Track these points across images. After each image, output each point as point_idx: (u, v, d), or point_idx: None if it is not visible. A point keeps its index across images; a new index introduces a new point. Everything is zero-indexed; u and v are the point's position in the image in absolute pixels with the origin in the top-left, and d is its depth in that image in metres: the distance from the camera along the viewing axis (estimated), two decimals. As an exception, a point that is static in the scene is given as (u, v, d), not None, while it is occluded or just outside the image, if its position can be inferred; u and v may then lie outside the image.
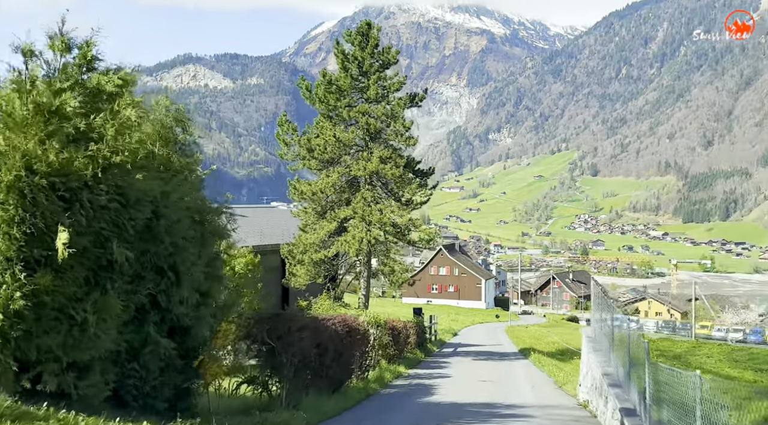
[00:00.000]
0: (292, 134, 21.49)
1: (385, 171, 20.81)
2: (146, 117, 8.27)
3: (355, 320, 12.58)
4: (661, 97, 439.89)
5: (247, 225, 26.26)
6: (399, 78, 21.57)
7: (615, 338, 9.84)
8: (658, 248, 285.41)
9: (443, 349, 27.10)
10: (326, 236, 21.40)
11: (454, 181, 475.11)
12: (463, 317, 52.42)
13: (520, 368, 19.56)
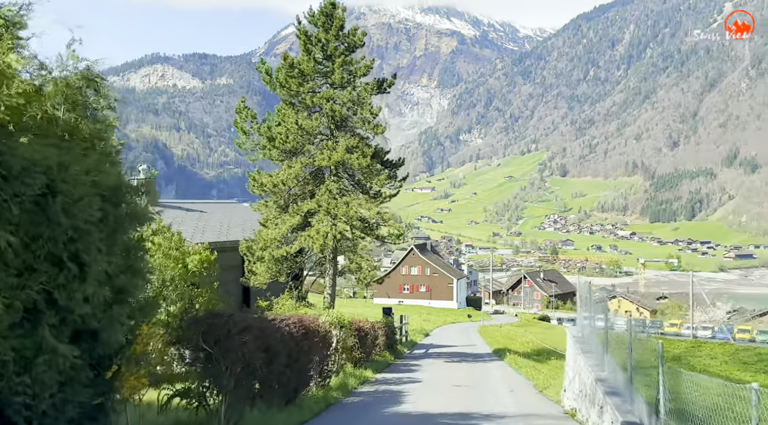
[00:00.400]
0: (251, 122, 19.95)
1: (351, 161, 19.42)
2: (47, 75, 6.61)
3: (314, 320, 11.13)
4: (628, 99, 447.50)
5: (206, 221, 24.56)
6: (366, 62, 20.16)
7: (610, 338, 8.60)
8: (626, 247, 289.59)
9: (414, 351, 25.79)
10: (289, 231, 19.90)
11: (426, 182, 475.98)
12: (435, 318, 51.22)
13: (496, 370, 18.32)
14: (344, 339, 13.82)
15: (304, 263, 22.14)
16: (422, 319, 46.58)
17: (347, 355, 15.26)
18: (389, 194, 21.50)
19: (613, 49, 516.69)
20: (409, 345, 27.46)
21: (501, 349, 25.37)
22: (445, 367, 19.24)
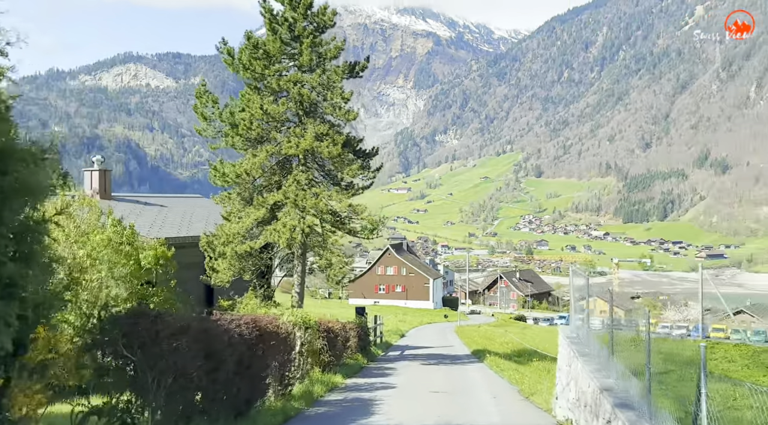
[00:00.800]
0: (212, 107, 18.42)
1: (321, 149, 18.01)
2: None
3: (272, 321, 9.71)
4: (602, 101, 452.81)
5: (165, 216, 22.87)
6: (336, 43, 18.77)
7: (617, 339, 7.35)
8: (599, 247, 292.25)
9: (389, 353, 24.46)
10: (253, 225, 18.41)
11: (402, 182, 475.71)
12: (411, 318, 49.94)
13: (476, 373, 17.05)
14: (310, 341, 12.43)
15: (272, 259, 20.65)
16: (398, 319, 45.26)
17: (314, 359, 13.87)
18: (362, 186, 20.15)
19: (586, 52, 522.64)
20: (384, 347, 26.15)
21: (480, 350, 24.18)
22: (421, 370, 17.93)
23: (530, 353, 23.74)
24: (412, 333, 38.26)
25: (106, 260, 13.53)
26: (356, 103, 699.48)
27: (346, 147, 19.10)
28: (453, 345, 29.79)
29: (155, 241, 15.86)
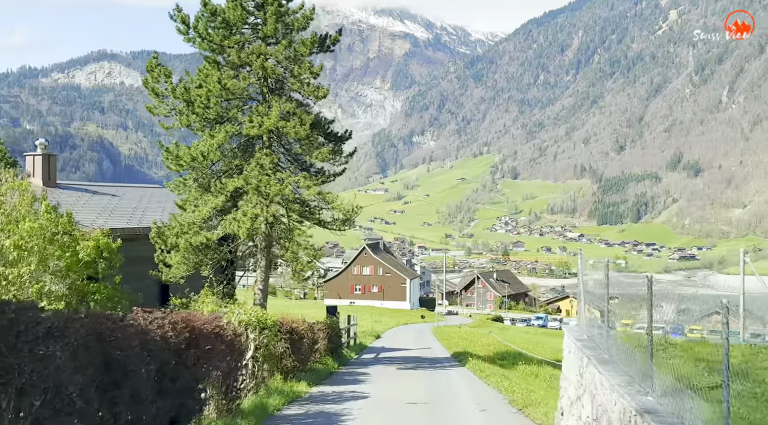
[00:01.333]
0: (165, 82, 16.38)
1: (287, 130, 16.10)
2: None
3: (212, 320, 7.80)
4: (577, 103, 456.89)
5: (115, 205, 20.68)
6: (305, 12, 16.87)
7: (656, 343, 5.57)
8: (574, 249, 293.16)
9: (363, 355, 22.62)
10: (211, 214, 16.42)
11: (379, 183, 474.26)
12: (387, 319, 48.07)
13: (459, 379, 15.27)
14: (267, 345, 10.52)
15: (235, 253, 18.64)
16: (374, 320, 43.37)
17: (273, 365, 11.97)
18: (334, 173, 18.26)
19: (562, 55, 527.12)
20: (358, 349, 24.33)
21: (461, 353, 22.49)
22: (397, 376, 16.09)
23: (514, 355, 22.09)
24: (389, 334, 36.41)
25: (37, 252, 11.66)
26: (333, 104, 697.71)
27: (316, 129, 17.21)
28: (431, 346, 28.08)
29: (99, 231, 13.85)
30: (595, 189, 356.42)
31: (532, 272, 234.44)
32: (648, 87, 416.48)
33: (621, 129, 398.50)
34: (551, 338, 42.76)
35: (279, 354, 12.69)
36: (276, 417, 9.33)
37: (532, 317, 74.94)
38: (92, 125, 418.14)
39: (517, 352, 23.51)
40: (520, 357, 22.09)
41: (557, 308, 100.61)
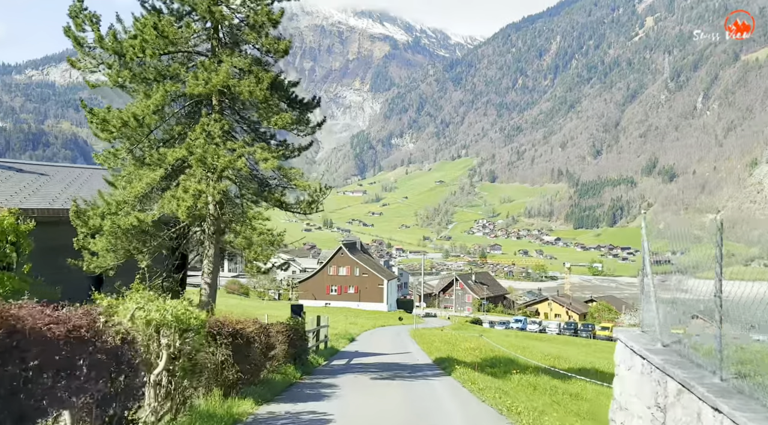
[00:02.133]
0: (91, 31, 13.41)
1: (240, 89, 13.24)
2: None
3: (72, 319, 4.93)
4: (555, 108, 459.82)
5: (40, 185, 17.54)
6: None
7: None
8: (551, 252, 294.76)
9: (333, 362, 19.73)
10: (147, 192, 13.48)
11: (357, 185, 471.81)
12: (363, 320, 45.19)
13: (447, 394, 12.48)
14: (190, 352, 7.65)
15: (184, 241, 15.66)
16: (349, 322, 40.51)
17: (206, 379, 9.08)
18: (299, 147, 15.40)
19: (540, 59, 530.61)
20: (328, 354, 21.44)
21: (444, 358, 19.73)
22: (371, 389, 13.26)
23: (504, 361, 19.41)
24: (364, 337, 33.52)
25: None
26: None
27: (277, 91, 14.33)
28: (410, 351, 25.28)
29: (5, 210, 10.90)
30: (572, 193, 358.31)
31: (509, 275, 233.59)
32: (624, 93, 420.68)
33: (597, 134, 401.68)
34: (536, 342, 40.40)
35: (217, 363, 9.80)
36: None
37: (511, 319, 72.82)
38: (66, 122, 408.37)
39: (507, 358, 20.81)
40: (512, 363, 19.39)
41: (536, 311, 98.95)
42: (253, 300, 61.90)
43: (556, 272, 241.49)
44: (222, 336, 9.86)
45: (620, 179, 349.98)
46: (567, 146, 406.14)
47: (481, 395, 11.79)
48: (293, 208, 14.77)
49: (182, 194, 12.80)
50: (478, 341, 28.90)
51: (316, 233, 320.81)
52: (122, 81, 13.73)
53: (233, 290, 63.91)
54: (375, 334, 36.08)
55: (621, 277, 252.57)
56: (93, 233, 13.27)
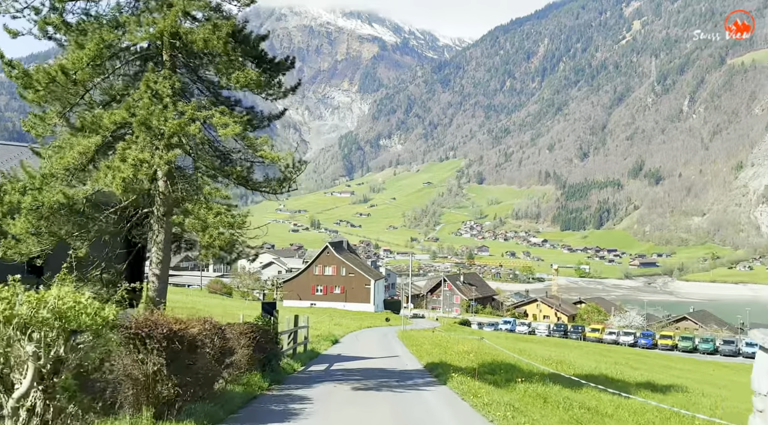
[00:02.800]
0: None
1: (193, 38, 10.86)
2: None
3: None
4: (542, 110, 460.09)
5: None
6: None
7: None
8: (538, 254, 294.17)
9: (311, 366, 17.33)
10: (79, 163, 11.04)
11: (345, 186, 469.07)
12: (349, 321, 42.74)
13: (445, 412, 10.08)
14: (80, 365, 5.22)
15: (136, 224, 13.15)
16: (333, 323, 38.02)
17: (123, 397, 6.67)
18: (270, 116, 13.01)
19: (528, 62, 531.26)
20: (307, 358, 19.02)
21: (436, 364, 17.40)
22: (351, 403, 10.84)
23: (504, 367, 17.06)
24: (349, 339, 31.07)
25: None
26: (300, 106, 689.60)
27: (241, 45, 11.92)
28: (398, 354, 23.08)
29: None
30: (559, 195, 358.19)
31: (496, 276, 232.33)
32: (611, 95, 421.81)
33: (585, 136, 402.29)
34: (529, 344, 38.17)
35: (147, 375, 7.41)
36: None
37: (500, 321, 70.99)
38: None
39: (506, 363, 18.50)
40: (513, 369, 17.08)
41: (524, 312, 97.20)
42: (236, 300, 59.27)
43: (543, 273, 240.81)
44: (153, 340, 7.47)
45: (607, 181, 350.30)
46: (554, 148, 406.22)
47: (486, 411, 9.44)
48: (261, 187, 12.37)
49: (119, 164, 10.37)
50: (472, 343, 26.50)
51: (304, 233, 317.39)
52: (53, 31, 11.28)
53: (215, 289, 61.29)
54: (361, 336, 33.69)
55: (607, 279, 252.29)
56: (10, 212, 10.79)
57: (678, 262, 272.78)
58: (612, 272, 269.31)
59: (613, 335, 63.29)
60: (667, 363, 33.07)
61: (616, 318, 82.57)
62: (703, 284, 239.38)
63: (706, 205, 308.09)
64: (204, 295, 55.44)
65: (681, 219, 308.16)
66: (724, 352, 54.72)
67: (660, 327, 78.22)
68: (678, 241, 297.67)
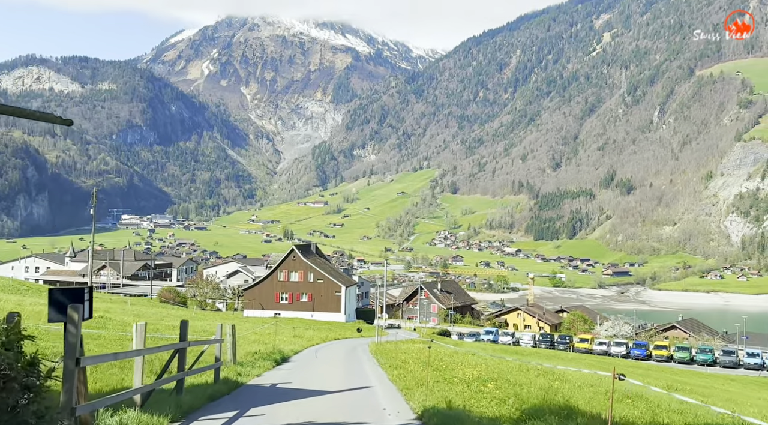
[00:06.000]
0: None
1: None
2: None
3: None
4: (515, 121, 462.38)
5: None
6: None
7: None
8: (512, 263, 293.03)
9: (202, 417, 9.65)
10: None
11: (319, 196, 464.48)
12: (313, 332, 37.92)
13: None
14: None
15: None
16: (294, 334, 32.48)
17: None
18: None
19: (500, 73, 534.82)
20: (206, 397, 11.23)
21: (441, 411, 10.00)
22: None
23: (550, 410, 9.72)
24: (305, 356, 23.82)
25: None
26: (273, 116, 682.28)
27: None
28: (371, 383, 15.51)
29: None
30: (532, 205, 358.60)
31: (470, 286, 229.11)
32: (583, 106, 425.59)
33: (557, 147, 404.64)
34: (528, 356, 33.13)
35: None
36: None
37: (482, 331, 67.06)
38: (17, 131, 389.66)
39: (560, 404, 10.41)
40: (573, 414, 9.63)
41: (504, 321, 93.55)
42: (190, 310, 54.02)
43: (518, 283, 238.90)
44: None
45: (579, 191, 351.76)
46: (527, 158, 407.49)
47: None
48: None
49: None
50: (474, 361, 20.27)
51: (276, 244, 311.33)
52: None
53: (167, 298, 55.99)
54: (323, 351, 26.98)
55: (581, 288, 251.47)
56: None
57: (650, 271, 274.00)
58: (585, 281, 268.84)
59: (603, 345, 59.41)
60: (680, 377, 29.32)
61: (603, 327, 79.42)
62: (675, 293, 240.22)
63: (677, 214, 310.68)
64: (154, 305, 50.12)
65: (652, 228, 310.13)
66: (724, 363, 51.18)
67: (648, 336, 75.32)
68: (650, 250, 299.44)
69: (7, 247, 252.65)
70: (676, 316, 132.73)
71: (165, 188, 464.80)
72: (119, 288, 74.32)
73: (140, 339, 9.41)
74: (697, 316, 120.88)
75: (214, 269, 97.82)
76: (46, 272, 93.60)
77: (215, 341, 13.90)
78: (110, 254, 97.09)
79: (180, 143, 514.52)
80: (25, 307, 24.88)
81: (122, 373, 12.45)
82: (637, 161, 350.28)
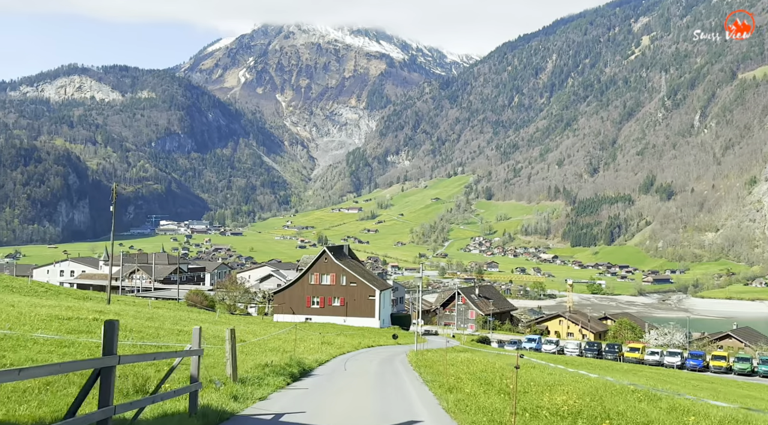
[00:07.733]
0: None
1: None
2: None
3: None
4: (551, 126, 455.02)
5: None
6: None
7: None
8: (548, 270, 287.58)
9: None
10: None
11: (353, 202, 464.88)
12: (345, 338, 35.95)
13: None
14: None
15: None
16: (322, 341, 30.08)
17: None
18: None
19: (536, 78, 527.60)
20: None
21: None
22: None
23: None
24: (331, 368, 19.88)
25: None
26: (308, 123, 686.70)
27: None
28: (418, 416, 10.75)
29: None
30: (569, 211, 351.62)
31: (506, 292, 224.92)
32: (621, 111, 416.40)
33: (594, 151, 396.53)
34: (588, 369, 29.79)
35: None
36: None
37: (524, 339, 64.21)
38: (59, 139, 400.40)
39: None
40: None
41: (546, 329, 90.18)
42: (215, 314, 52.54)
43: (554, 289, 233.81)
44: None
45: (617, 196, 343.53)
46: (564, 163, 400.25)
47: None
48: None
49: None
50: (553, 380, 16.07)
51: (311, 249, 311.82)
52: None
53: (195, 302, 54.61)
54: (353, 361, 22.69)
55: (620, 295, 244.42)
56: None
57: (692, 278, 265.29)
58: (624, 288, 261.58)
59: (655, 355, 55.94)
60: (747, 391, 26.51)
61: (651, 336, 75.66)
62: (718, 300, 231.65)
63: (719, 220, 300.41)
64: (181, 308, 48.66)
65: (694, 235, 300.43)
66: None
67: (701, 346, 71.47)
68: (691, 257, 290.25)
69: (48, 252, 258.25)
70: (722, 324, 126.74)
71: (202, 194, 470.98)
72: (150, 292, 73.84)
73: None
74: (742, 325, 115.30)
75: (248, 274, 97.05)
76: (80, 276, 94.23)
77: (188, 353, 8.94)
78: (143, 258, 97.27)
79: (217, 150, 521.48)
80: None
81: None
82: (677, 166, 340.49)
